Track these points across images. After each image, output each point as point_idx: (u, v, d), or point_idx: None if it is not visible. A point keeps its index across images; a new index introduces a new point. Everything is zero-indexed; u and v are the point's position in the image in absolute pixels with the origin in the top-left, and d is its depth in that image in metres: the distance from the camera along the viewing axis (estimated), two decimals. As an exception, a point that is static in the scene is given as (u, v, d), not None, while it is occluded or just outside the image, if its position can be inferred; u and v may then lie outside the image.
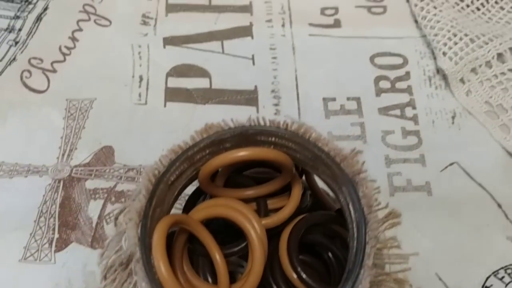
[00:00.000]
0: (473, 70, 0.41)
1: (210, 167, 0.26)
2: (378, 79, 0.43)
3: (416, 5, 0.44)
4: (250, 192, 0.27)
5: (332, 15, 0.47)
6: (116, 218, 0.29)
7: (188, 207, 0.28)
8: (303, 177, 0.29)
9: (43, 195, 0.37)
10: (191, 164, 0.26)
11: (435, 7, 0.43)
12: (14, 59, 0.44)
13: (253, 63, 0.44)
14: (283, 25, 0.46)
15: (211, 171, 0.26)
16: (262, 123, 0.26)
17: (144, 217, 0.23)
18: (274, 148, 0.26)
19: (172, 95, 0.42)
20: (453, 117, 0.40)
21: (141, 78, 0.43)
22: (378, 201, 0.28)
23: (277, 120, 0.26)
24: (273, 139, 0.26)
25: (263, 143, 0.27)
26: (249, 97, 0.42)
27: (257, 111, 0.41)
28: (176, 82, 0.43)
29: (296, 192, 0.27)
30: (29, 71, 0.43)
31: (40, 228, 0.36)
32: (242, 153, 0.25)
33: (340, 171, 0.25)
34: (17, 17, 0.47)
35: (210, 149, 0.26)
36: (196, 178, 0.27)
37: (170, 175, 0.25)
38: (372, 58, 0.44)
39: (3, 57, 0.44)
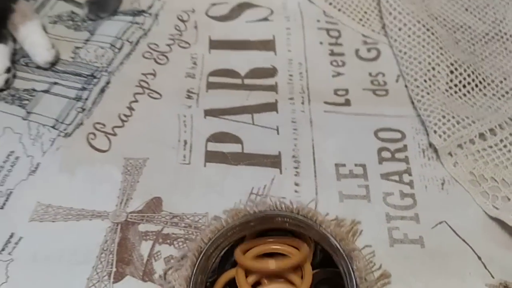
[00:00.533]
0: (459, 146, 0.49)
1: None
2: (380, 150, 0.52)
3: (412, 90, 0.54)
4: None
5: (343, 95, 0.56)
6: (165, 273, 0.41)
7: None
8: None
9: (104, 235, 0.46)
10: (225, 239, 0.39)
11: (428, 93, 0.52)
12: (81, 123, 0.54)
13: (278, 133, 0.53)
14: (302, 103, 0.56)
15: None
16: (279, 207, 0.38)
17: (191, 284, 0.35)
18: (288, 225, 0.39)
19: (211, 157, 0.51)
20: (442, 184, 0.48)
21: (185, 142, 0.52)
22: (373, 263, 0.39)
23: (290, 206, 0.38)
24: (288, 219, 0.39)
25: (280, 223, 0.39)
26: (274, 161, 0.51)
27: (280, 173, 0.50)
28: (214, 147, 0.52)
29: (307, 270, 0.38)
30: (94, 134, 0.53)
31: (101, 262, 0.44)
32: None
33: (338, 249, 0.36)
34: (84, 89, 0.57)
35: (239, 227, 0.39)
36: (227, 246, 0.40)
37: (209, 247, 0.36)
38: (376, 132, 0.53)
39: (72, 122, 0.54)
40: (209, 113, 0.55)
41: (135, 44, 0.61)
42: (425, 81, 0.53)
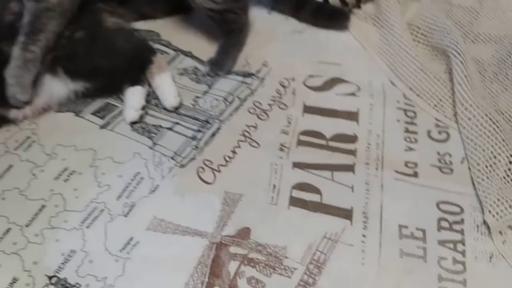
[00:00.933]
0: (510, 227, 0.57)
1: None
2: (440, 219, 0.60)
3: (474, 173, 0.63)
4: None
5: (413, 167, 0.66)
6: None
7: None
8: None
9: (202, 251, 0.57)
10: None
11: (487, 177, 0.61)
12: (194, 158, 0.67)
13: (352, 191, 0.63)
14: (376, 169, 0.65)
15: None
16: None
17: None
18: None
19: (294, 202, 0.62)
20: (491, 257, 0.56)
21: (274, 186, 0.64)
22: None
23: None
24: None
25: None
26: (346, 214, 0.61)
27: (351, 224, 0.59)
28: (298, 194, 0.63)
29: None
30: (203, 168, 0.66)
31: (197, 272, 0.56)
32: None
33: None
34: (199, 131, 0.70)
35: None
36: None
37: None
38: (438, 204, 0.62)
39: (187, 156, 0.67)
40: (296, 165, 0.66)
41: (243, 100, 0.74)
42: (486, 166, 0.61)
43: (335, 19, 0.84)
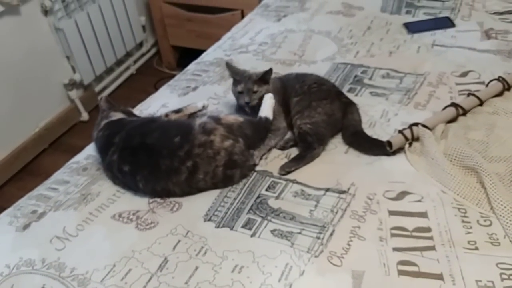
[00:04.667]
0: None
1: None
2: (501, 274, 0.89)
3: (516, 244, 0.93)
4: None
5: (474, 244, 0.96)
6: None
7: None
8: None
9: None
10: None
11: (526, 245, 0.91)
12: (322, 251, 0.97)
13: (438, 262, 0.93)
14: (450, 247, 0.96)
15: None
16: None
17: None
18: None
19: (401, 272, 0.91)
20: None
21: (384, 264, 0.93)
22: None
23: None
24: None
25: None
26: (439, 276, 0.90)
27: (444, 283, 0.88)
28: (402, 267, 0.93)
29: None
30: (331, 257, 0.95)
31: None
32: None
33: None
34: (320, 233, 1.01)
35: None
36: None
37: None
38: (496, 264, 0.91)
39: (317, 249, 0.97)
40: (395, 249, 0.97)
41: (344, 210, 1.07)
42: (523, 238, 0.92)
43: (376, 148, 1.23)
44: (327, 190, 1.13)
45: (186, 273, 0.96)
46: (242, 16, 2.55)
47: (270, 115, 1.24)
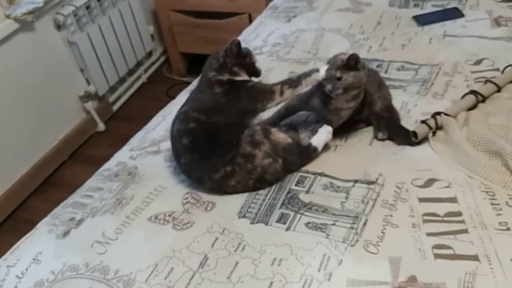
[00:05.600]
0: None
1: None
2: (535, 254, 0.92)
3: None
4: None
5: (505, 225, 0.99)
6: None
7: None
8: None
9: (391, 292, 0.88)
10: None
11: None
12: (357, 240, 1.00)
13: (472, 244, 0.95)
14: (482, 229, 0.98)
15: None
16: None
17: None
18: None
19: (438, 256, 0.94)
20: None
21: (419, 249, 0.96)
22: None
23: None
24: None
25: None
26: (474, 257, 0.92)
27: (480, 263, 0.90)
28: (437, 251, 0.95)
29: None
30: (367, 245, 0.98)
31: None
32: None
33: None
34: (353, 223, 1.04)
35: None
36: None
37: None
38: (529, 245, 0.94)
39: (352, 239, 1.00)
40: (429, 234, 0.99)
41: (374, 200, 1.10)
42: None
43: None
44: (356, 181, 1.15)
45: (227, 268, 0.99)
46: (250, 20, 2.58)
47: (320, 147, 1.22)
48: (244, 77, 1.18)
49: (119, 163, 1.35)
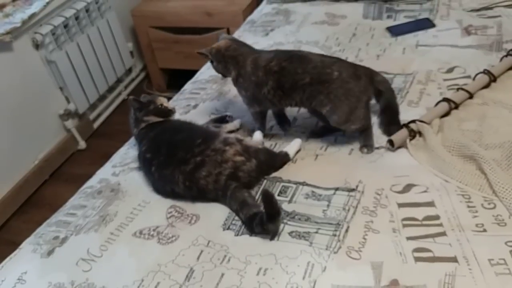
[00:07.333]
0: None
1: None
2: (510, 251, 0.95)
3: (520, 222, 0.99)
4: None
5: (481, 226, 1.02)
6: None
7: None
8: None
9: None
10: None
11: (529, 222, 0.97)
12: (340, 247, 1.02)
13: (450, 246, 0.98)
14: (459, 231, 1.01)
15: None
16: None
17: None
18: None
19: (418, 259, 0.97)
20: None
21: (401, 253, 0.98)
22: None
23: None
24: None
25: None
26: (453, 259, 0.95)
27: (459, 264, 0.93)
28: (418, 254, 0.98)
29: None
30: (349, 251, 1.00)
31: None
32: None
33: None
34: (335, 230, 1.06)
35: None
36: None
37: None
38: (505, 242, 0.97)
39: (335, 246, 1.02)
40: (409, 238, 1.02)
41: (355, 207, 1.12)
42: (527, 215, 0.98)
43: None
44: (337, 189, 1.18)
45: (213, 280, 1.00)
46: (228, 34, 2.62)
47: (291, 154, 1.31)
48: (158, 119, 1.39)
49: (101, 180, 1.35)
